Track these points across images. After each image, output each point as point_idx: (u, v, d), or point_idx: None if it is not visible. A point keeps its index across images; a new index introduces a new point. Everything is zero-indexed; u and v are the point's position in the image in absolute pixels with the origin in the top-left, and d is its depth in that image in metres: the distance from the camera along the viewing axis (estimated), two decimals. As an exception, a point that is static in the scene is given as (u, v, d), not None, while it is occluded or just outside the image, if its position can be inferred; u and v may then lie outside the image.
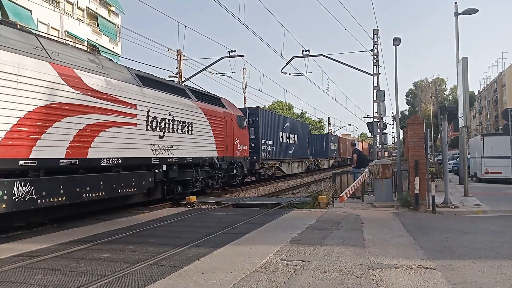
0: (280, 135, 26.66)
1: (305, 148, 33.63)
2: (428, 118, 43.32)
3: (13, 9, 28.51)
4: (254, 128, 22.47)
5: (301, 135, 32.23)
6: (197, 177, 14.42)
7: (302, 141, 32.57)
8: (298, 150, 31.01)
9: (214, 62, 24.65)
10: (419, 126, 11.41)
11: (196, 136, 14.23)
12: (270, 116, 25.95)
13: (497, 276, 4.98)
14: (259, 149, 22.40)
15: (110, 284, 4.96)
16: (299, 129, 32.14)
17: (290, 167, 28.92)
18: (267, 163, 23.89)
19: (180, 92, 13.97)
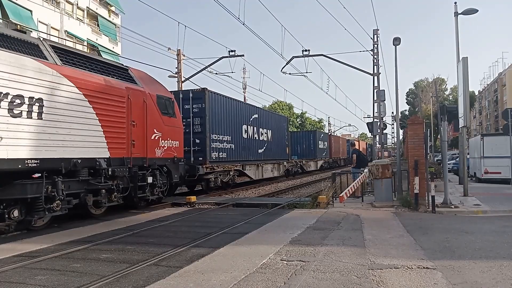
0: (243, 130, 20.64)
1: (283, 147, 27.51)
2: (428, 118, 43.36)
3: (13, 9, 28.50)
4: (200, 118, 16.85)
5: (277, 130, 26.05)
6: (53, 194, 8.68)
7: (279, 138, 26.49)
8: (273, 149, 25.12)
9: (214, 62, 24.66)
10: (419, 126, 11.41)
11: (51, 123, 8.64)
12: (227, 103, 19.07)
13: (498, 276, 4.98)
14: (206, 147, 16.74)
15: (110, 284, 4.96)
16: (274, 123, 25.73)
17: (259, 171, 22.65)
18: (220, 165, 17.98)
19: (19, 46, 8.36)
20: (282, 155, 27.21)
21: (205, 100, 16.92)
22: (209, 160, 16.92)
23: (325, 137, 42.11)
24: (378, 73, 23.13)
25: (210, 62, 24.79)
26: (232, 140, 19.18)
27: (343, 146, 51.99)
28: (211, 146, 17.10)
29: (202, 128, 16.91)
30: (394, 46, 13.74)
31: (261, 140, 23.14)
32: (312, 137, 37.05)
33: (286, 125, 29.18)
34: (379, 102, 20.80)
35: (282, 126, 28.02)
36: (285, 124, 28.99)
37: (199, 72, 25.02)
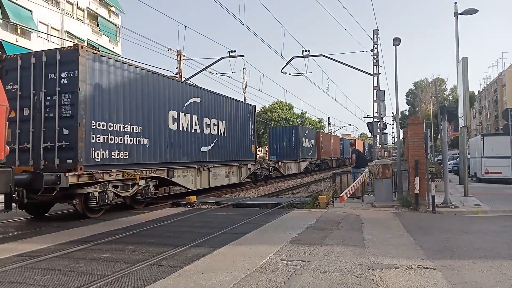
0: (171, 118, 14.09)
1: (247, 144, 20.61)
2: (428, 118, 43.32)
3: (13, 9, 28.53)
4: (70, 94, 10.32)
5: (237, 122, 19.49)
6: None
7: (240, 133, 19.86)
8: (229, 147, 18.60)
9: (214, 62, 24.67)
10: (419, 126, 11.41)
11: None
12: (133, 76, 12.31)
13: (497, 276, 4.98)
14: (80, 142, 10.19)
15: (110, 284, 4.96)
16: (231, 112, 19.03)
17: (202, 177, 16.19)
18: (114, 171, 11.30)
19: None
20: (246, 155, 20.29)
21: (79, 65, 10.23)
22: (86, 163, 10.31)
23: (311, 134, 35.79)
24: (378, 73, 23.14)
25: (210, 63, 24.80)
26: (147, 132, 12.73)
27: (335, 145, 46.49)
28: (91, 140, 10.56)
29: (73, 111, 10.25)
30: (394, 46, 13.74)
31: (207, 134, 16.55)
32: (294, 133, 31.18)
33: (251, 116, 21.09)
34: (379, 102, 20.79)
35: (246, 117, 20.35)
36: (250, 114, 20.91)
37: (199, 72, 25.04)
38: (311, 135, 35.67)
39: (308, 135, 34.52)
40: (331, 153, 43.51)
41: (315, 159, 36.30)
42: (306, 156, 33.39)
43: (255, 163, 21.93)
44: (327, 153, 41.55)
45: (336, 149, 47.29)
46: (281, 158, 29.45)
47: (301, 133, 32.15)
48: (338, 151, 48.22)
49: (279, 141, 31.52)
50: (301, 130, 32.39)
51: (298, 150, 31.15)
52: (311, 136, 35.66)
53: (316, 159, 36.75)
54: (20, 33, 29.42)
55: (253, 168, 21.28)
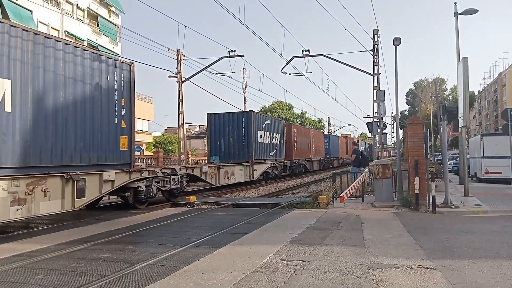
0: None
1: (109, 131, 11.26)
2: (428, 118, 43.31)
3: (13, 9, 28.53)
4: None
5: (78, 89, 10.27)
6: None
7: (89, 111, 10.58)
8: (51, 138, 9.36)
9: (214, 62, 24.67)
10: (419, 126, 11.41)
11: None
12: None
13: (497, 276, 4.98)
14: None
15: (110, 284, 4.96)
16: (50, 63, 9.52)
17: None
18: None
19: None
20: (109, 152, 11.23)
21: None
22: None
23: (275, 126, 25.84)
24: (378, 73, 23.13)
25: (210, 62, 24.79)
26: None
27: (317, 143, 37.06)
28: None
29: None
30: (394, 46, 13.72)
31: None
32: (245, 123, 21.85)
33: (115, 81, 11.57)
34: (379, 102, 20.78)
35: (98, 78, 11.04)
36: (112, 77, 11.47)
37: (199, 72, 25.04)
38: (275, 128, 25.63)
39: (270, 128, 24.76)
40: (310, 152, 34.11)
41: (282, 161, 26.52)
42: (266, 157, 23.89)
43: (132, 168, 11.96)
44: (304, 153, 32.33)
45: (319, 147, 38.01)
46: (227, 159, 21.31)
47: (257, 123, 22.41)
48: (321, 151, 39.03)
49: (224, 134, 21.97)
50: (255, 119, 22.27)
51: (251, 147, 21.41)
52: (276, 129, 25.79)
53: (285, 161, 27.23)
54: (20, 33, 29.39)
55: (127, 177, 11.72)
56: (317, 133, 40.26)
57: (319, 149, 38.06)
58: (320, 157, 38.68)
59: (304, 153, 32.73)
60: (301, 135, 32.16)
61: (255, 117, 22.72)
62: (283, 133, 27.57)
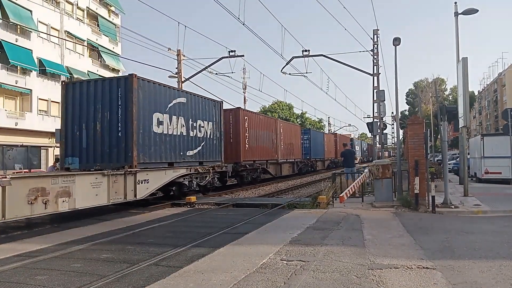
0: None
1: None
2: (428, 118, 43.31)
3: (13, 9, 28.53)
4: None
5: None
6: None
7: None
8: None
9: (214, 62, 24.67)
10: (419, 126, 11.41)
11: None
12: None
13: (497, 276, 4.98)
14: None
15: (110, 284, 4.96)
16: None
17: None
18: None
19: None
20: None
21: None
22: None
23: (200, 108, 15.82)
24: (378, 73, 23.14)
25: (210, 63, 24.76)
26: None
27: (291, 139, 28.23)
28: None
29: None
30: (394, 46, 13.74)
31: None
32: (123, 100, 12.08)
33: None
34: (379, 102, 20.80)
35: None
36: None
37: (199, 72, 25.04)
38: (200, 111, 15.71)
39: (189, 111, 14.91)
40: (275, 152, 24.85)
41: (216, 165, 16.74)
42: (177, 158, 14.13)
43: None
44: (263, 152, 22.93)
45: (293, 146, 28.83)
46: (92, 162, 12.20)
47: (150, 99, 12.88)
48: (296, 150, 29.66)
49: (88, 119, 12.48)
50: (147, 92, 12.71)
51: (130, 141, 11.94)
52: (203, 114, 15.94)
53: (222, 164, 17.36)
54: (20, 33, 29.43)
55: None
56: (289, 126, 29.39)
57: (292, 147, 28.49)
58: (295, 158, 29.24)
59: (264, 152, 23.07)
60: (258, 126, 22.34)
61: (145, 87, 12.50)
62: (219, 121, 17.11)
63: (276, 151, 25.25)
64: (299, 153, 30.86)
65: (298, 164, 30.70)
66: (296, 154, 29.84)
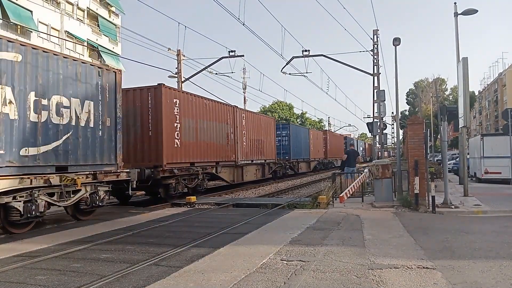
0: None
1: None
2: (428, 118, 43.32)
3: (13, 9, 28.54)
4: None
5: None
6: None
7: None
8: None
9: (214, 62, 24.65)
10: (419, 126, 11.41)
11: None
12: None
13: (497, 276, 4.98)
14: None
15: (110, 284, 4.96)
16: None
17: None
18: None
19: None
20: None
21: None
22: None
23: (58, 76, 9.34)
24: (378, 73, 23.14)
25: (210, 62, 24.74)
26: None
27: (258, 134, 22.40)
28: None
29: None
30: (394, 46, 13.75)
31: None
32: None
33: None
34: (379, 102, 20.78)
35: None
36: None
37: (199, 72, 25.03)
38: (69, 80, 9.67)
39: (27, 74, 8.66)
40: (233, 151, 18.98)
41: (106, 170, 10.60)
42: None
43: None
44: (213, 151, 17.12)
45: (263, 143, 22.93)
46: None
47: None
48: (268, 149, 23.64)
49: None
50: None
51: None
52: (75, 85, 9.85)
53: (116, 171, 10.93)
54: (20, 33, 29.42)
55: None
56: (257, 118, 22.76)
57: (261, 145, 22.68)
58: (266, 158, 23.35)
59: (212, 151, 16.85)
60: (202, 115, 16.18)
61: None
62: (111, 100, 11.04)
63: (234, 150, 18.90)
64: (273, 153, 24.80)
65: (271, 166, 24.52)
66: (268, 154, 23.85)
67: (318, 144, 36.52)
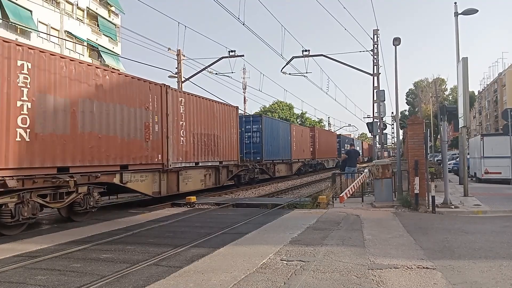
0: None
1: None
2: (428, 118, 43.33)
3: (13, 9, 28.53)
4: None
5: None
6: None
7: None
8: None
9: (214, 62, 24.65)
10: (419, 126, 11.41)
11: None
12: None
13: (497, 276, 4.98)
14: None
15: (110, 284, 4.96)
16: None
17: None
18: None
19: None
20: None
21: None
22: None
23: None
24: (378, 73, 23.14)
25: (210, 62, 24.73)
26: None
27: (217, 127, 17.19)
28: None
29: None
30: (394, 46, 13.75)
31: None
32: None
33: None
34: (379, 102, 20.79)
35: None
36: None
37: (199, 72, 25.03)
38: None
39: None
40: (155, 149, 13.12)
41: None
42: None
43: None
44: (114, 148, 11.26)
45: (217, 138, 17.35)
46: None
47: None
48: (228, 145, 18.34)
49: None
50: None
51: None
52: None
53: None
54: (20, 33, 29.42)
55: None
56: (205, 104, 16.68)
57: (213, 141, 16.97)
58: (222, 159, 17.66)
59: (97, 149, 10.77)
60: (76, 91, 10.22)
61: None
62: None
63: (162, 148, 13.47)
64: (234, 152, 18.83)
65: (231, 169, 18.58)
66: (226, 154, 18.01)
67: (303, 143, 31.38)
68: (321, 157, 37.11)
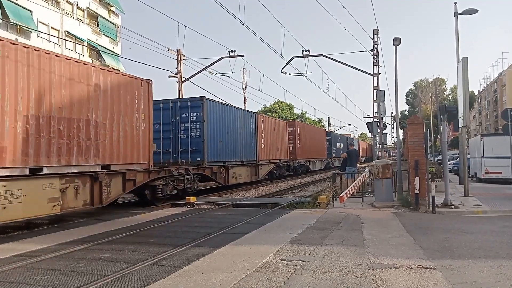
0: None
1: None
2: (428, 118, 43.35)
3: (13, 9, 28.53)
4: None
5: None
6: None
7: None
8: None
9: (214, 62, 24.66)
10: (419, 126, 11.41)
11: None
12: None
13: (497, 276, 4.98)
14: None
15: (110, 284, 4.96)
16: None
17: None
18: None
19: None
20: None
21: None
22: None
23: None
24: (378, 73, 23.14)
25: (210, 63, 24.74)
26: None
27: (122, 112, 11.12)
28: None
29: None
30: (394, 46, 13.74)
31: None
32: None
33: None
34: (379, 102, 20.78)
35: None
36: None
37: (199, 72, 25.03)
38: None
39: None
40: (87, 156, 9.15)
41: None
42: None
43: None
44: None
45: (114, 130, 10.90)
46: None
47: None
48: (125, 142, 11.42)
49: None
50: None
51: None
52: None
53: None
54: (20, 33, 29.41)
55: None
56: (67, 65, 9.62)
57: (74, 129, 9.75)
58: (110, 162, 10.85)
59: None
60: None
61: None
62: None
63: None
64: (138, 150, 12.13)
65: (131, 178, 11.79)
66: (119, 153, 11.32)
67: (277, 140, 25.28)
68: (304, 157, 30.36)
